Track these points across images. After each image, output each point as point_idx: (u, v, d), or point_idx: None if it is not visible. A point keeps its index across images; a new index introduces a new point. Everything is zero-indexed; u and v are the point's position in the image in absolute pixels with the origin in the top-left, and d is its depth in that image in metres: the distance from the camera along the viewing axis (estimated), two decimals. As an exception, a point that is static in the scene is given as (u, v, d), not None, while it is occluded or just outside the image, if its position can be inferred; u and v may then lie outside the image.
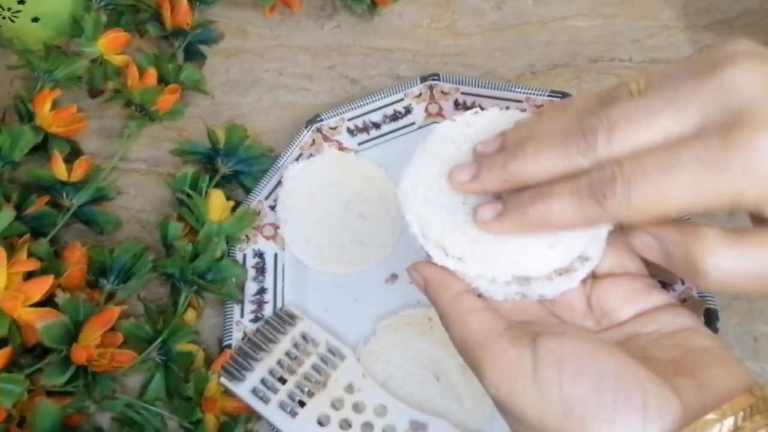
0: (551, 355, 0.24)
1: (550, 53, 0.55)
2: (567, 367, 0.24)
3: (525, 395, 0.24)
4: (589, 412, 0.23)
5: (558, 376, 0.24)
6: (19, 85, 0.54)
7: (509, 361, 0.25)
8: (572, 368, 0.24)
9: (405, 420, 0.41)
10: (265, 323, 0.44)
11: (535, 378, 0.24)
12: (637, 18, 0.56)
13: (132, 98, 0.50)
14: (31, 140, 0.48)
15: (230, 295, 0.45)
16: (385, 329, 0.44)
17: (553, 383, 0.24)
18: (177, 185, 0.48)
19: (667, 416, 0.22)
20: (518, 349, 0.25)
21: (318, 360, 0.43)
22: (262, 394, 0.41)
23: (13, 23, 0.52)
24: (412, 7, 0.58)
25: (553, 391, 0.24)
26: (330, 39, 0.57)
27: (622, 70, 0.54)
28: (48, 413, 0.39)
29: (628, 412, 0.23)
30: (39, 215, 0.46)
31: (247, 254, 0.47)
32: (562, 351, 0.24)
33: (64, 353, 0.40)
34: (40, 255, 0.43)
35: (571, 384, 0.23)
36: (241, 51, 0.56)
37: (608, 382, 0.23)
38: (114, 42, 0.52)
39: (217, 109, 0.54)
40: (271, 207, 0.48)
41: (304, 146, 0.50)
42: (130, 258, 0.45)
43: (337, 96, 0.54)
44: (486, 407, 0.42)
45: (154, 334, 0.43)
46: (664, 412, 0.22)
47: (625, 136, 0.24)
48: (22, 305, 0.39)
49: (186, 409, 0.41)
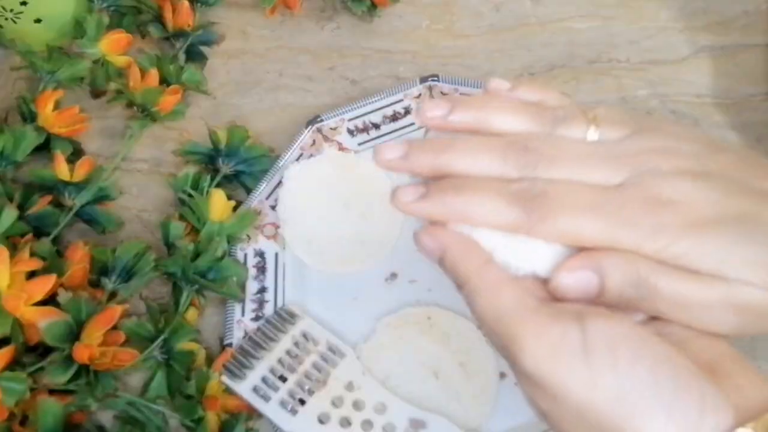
0: (603, 336, 0.23)
1: (548, 54, 0.55)
2: (622, 350, 0.23)
3: (572, 375, 0.23)
4: (645, 398, 0.22)
5: (613, 358, 0.23)
6: (22, 86, 0.54)
7: (555, 337, 0.24)
8: (627, 351, 0.23)
9: (404, 418, 0.41)
10: (266, 322, 0.44)
11: (587, 358, 0.23)
12: (635, 19, 0.57)
13: (134, 99, 0.51)
14: (33, 140, 0.48)
15: (231, 294, 0.45)
16: (385, 328, 0.44)
17: (606, 365, 0.23)
18: (178, 185, 0.48)
19: (722, 413, 0.22)
20: (563, 325, 0.24)
21: (318, 358, 0.43)
22: (263, 392, 0.42)
23: (15, 24, 0.52)
24: (412, 9, 0.58)
25: (607, 373, 0.23)
26: (330, 40, 0.57)
27: (620, 71, 0.54)
28: (50, 411, 0.39)
29: (686, 402, 0.22)
30: (41, 215, 0.46)
31: (248, 253, 0.47)
32: (614, 333, 0.24)
33: (66, 352, 0.40)
34: (43, 254, 0.43)
35: (627, 367, 0.23)
36: (242, 52, 0.57)
37: (665, 370, 0.23)
38: (116, 43, 0.52)
39: (218, 110, 0.54)
40: (271, 207, 0.48)
41: (304, 146, 0.50)
42: (132, 257, 0.45)
43: (337, 97, 0.54)
44: (485, 405, 0.42)
45: (155, 333, 0.43)
46: (719, 409, 0.22)
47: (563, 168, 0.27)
48: (24, 304, 0.39)
49: (187, 407, 0.41)
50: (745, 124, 0.52)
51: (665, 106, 0.53)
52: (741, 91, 0.53)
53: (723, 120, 0.52)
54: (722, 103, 0.53)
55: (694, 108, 0.53)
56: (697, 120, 0.52)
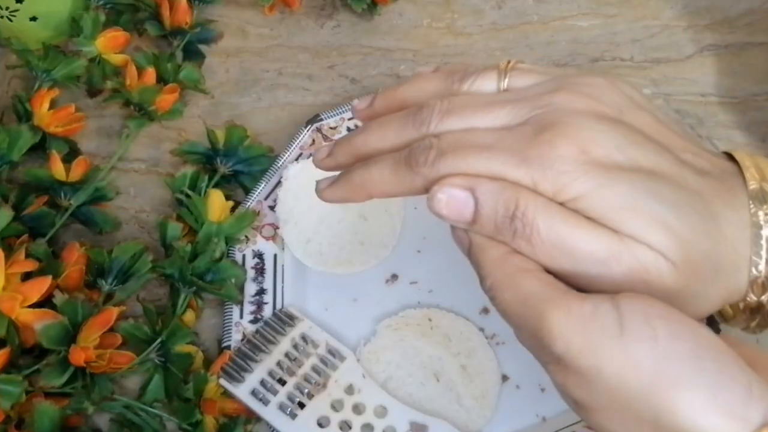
0: (639, 312, 0.21)
1: (550, 53, 0.55)
2: (661, 327, 0.21)
3: (605, 351, 0.21)
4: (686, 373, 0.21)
5: (652, 333, 0.21)
6: (17, 84, 0.54)
7: (585, 313, 0.22)
8: (667, 329, 0.21)
9: (405, 421, 0.41)
10: (265, 324, 0.44)
11: (622, 333, 0.21)
12: (638, 17, 0.56)
13: (131, 98, 0.50)
14: (29, 140, 0.47)
15: (229, 296, 0.45)
16: (385, 330, 0.44)
17: (644, 340, 0.21)
18: (176, 185, 0.48)
19: None
20: (594, 302, 0.22)
21: (318, 361, 0.43)
22: (262, 395, 0.41)
23: (11, 22, 0.52)
24: (412, 7, 0.57)
25: (644, 348, 0.21)
26: (330, 38, 0.57)
27: (624, 70, 0.54)
28: (46, 414, 0.39)
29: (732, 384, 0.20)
30: (37, 215, 0.46)
31: (247, 255, 0.47)
32: (651, 311, 0.22)
33: (62, 354, 0.40)
34: (39, 255, 0.43)
35: (667, 342, 0.21)
36: (240, 50, 0.56)
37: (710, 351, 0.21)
38: (113, 41, 0.51)
39: (216, 109, 0.54)
40: (270, 207, 0.48)
41: (304, 146, 0.49)
42: (129, 258, 0.44)
43: (337, 96, 0.54)
44: (486, 408, 0.42)
45: (153, 335, 0.42)
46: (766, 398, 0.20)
47: (459, 118, 0.26)
48: (20, 306, 0.39)
49: (185, 410, 0.41)
50: (750, 123, 0.51)
51: (669, 105, 0.52)
52: (745, 90, 0.53)
53: (727, 119, 0.52)
54: (727, 101, 0.52)
55: (699, 107, 0.52)
56: (701, 119, 0.52)
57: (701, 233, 0.23)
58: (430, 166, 0.25)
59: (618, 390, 0.21)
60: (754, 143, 0.51)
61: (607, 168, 0.23)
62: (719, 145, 0.51)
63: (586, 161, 0.23)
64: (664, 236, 0.23)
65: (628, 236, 0.23)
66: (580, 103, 0.25)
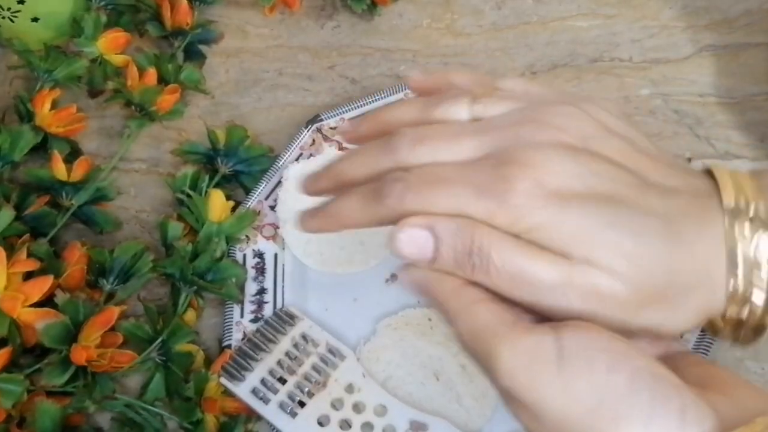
0: (579, 345, 0.22)
1: (550, 53, 0.55)
2: (598, 360, 0.22)
3: (546, 386, 0.22)
4: (621, 408, 0.21)
5: (588, 366, 0.22)
6: (19, 85, 0.54)
7: (528, 347, 0.23)
8: (604, 361, 0.22)
9: (405, 420, 0.41)
10: (265, 323, 0.44)
11: (561, 367, 0.22)
12: (637, 18, 0.56)
13: (132, 98, 0.50)
14: (30, 140, 0.48)
15: (230, 296, 0.45)
16: (385, 329, 0.44)
17: (581, 374, 0.22)
18: (177, 185, 0.48)
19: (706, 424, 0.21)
20: (538, 336, 0.23)
21: (318, 360, 0.43)
22: (262, 394, 0.41)
23: (12, 23, 0.52)
24: (412, 7, 0.57)
25: (581, 383, 0.22)
26: (330, 39, 0.57)
27: (623, 70, 0.54)
28: (48, 413, 0.39)
29: (665, 413, 0.21)
30: (38, 215, 0.46)
31: (247, 254, 0.47)
32: (591, 343, 0.22)
33: (63, 353, 0.40)
34: (40, 255, 0.43)
35: (603, 376, 0.22)
36: (241, 51, 0.56)
37: (644, 380, 0.22)
38: (114, 42, 0.51)
39: (217, 109, 0.54)
40: (271, 207, 0.48)
41: (304, 146, 0.50)
42: (130, 258, 0.45)
43: (337, 96, 0.54)
44: (486, 407, 0.42)
45: (153, 335, 0.43)
46: (702, 420, 0.21)
47: (429, 148, 0.26)
48: (21, 305, 0.39)
49: (186, 409, 0.41)
50: (749, 123, 0.52)
51: (668, 105, 0.52)
52: (744, 90, 0.53)
53: (726, 119, 0.52)
54: (725, 102, 0.52)
55: (697, 107, 0.52)
56: (699, 119, 0.52)
57: (661, 254, 0.24)
58: (396, 198, 0.26)
59: (562, 424, 0.22)
60: (752, 143, 0.51)
61: (563, 198, 0.24)
62: (718, 145, 0.51)
63: (541, 194, 0.24)
64: (617, 259, 0.23)
65: (581, 262, 0.23)
66: (543, 134, 0.25)
